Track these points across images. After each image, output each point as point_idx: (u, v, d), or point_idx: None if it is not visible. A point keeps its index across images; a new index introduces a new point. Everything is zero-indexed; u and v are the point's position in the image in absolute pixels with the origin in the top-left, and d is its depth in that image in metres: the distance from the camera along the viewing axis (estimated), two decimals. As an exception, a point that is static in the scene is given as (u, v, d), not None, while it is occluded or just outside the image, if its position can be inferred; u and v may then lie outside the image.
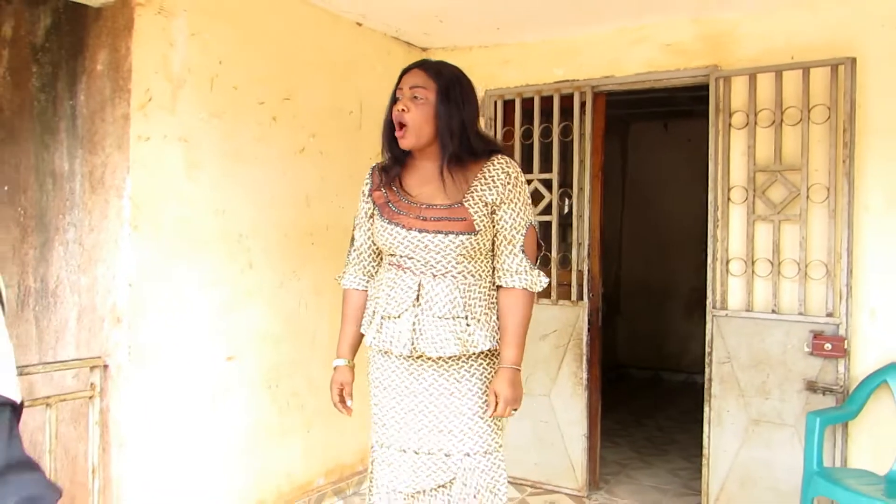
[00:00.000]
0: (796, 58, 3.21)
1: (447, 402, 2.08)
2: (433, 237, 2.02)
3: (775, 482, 3.23)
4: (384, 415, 2.15)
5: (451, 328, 2.01)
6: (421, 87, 2.04)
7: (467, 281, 2.05)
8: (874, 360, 3.07)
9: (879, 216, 3.09)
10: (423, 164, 2.11)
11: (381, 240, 2.09)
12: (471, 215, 2.03)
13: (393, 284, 2.07)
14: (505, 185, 2.05)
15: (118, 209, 2.66)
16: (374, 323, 2.11)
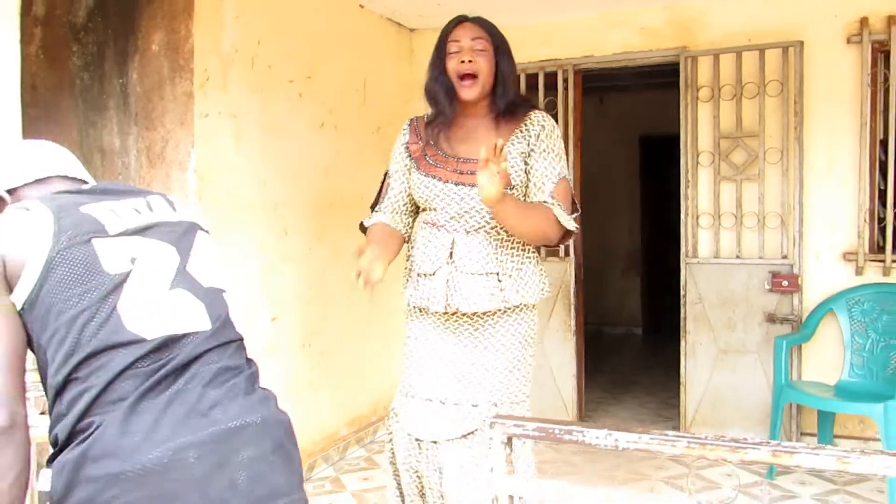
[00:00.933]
0: (753, 41, 3.75)
1: (480, 356, 2.12)
2: (469, 190, 2.05)
3: (740, 401, 3.82)
4: (414, 364, 2.19)
5: (484, 284, 2.05)
6: (481, 38, 2.08)
7: (500, 236, 2.09)
8: (820, 293, 3.69)
9: (822, 175, 3.70)
10: (467, 120, 2.15)
11: (418, 192, 2.13)
12: (506, 169, 1.96)
13: (427, 242, 2.12)
14: (538, 135, 2.11)
15: (182, 182, 2.86)
16: (411, 280, 2.18)
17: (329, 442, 3.71)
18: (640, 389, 5.15)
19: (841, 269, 3.68)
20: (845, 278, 3.66)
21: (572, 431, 1.37)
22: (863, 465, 1.15)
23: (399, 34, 4.33)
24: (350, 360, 3.86)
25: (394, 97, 4.29)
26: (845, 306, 3.57)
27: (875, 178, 3.63)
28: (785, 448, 1.22)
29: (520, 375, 2.16)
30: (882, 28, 3.54)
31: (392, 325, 4.27)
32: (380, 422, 4.13)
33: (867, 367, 3.47)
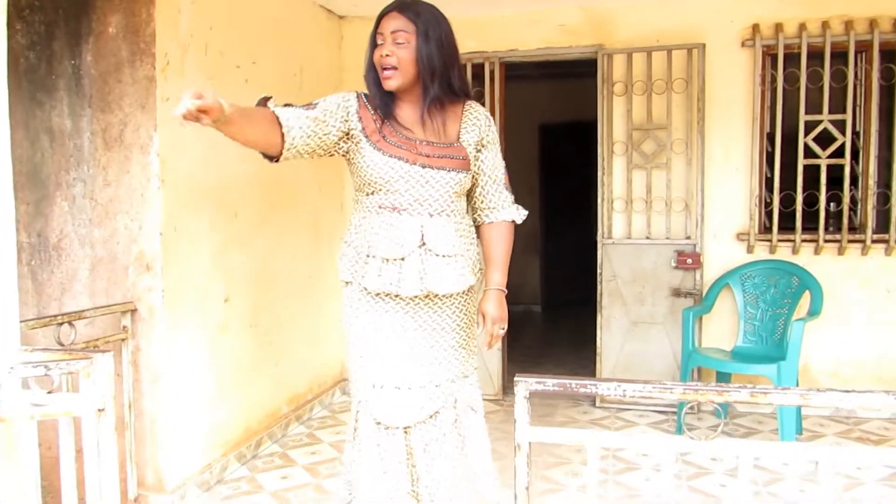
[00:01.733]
0: (662, 41, 4.15)
1: (438, 337, 2.19)
2: (436, 173, 2.09)
3: (650, 366, 4.26)
4: (378, 355, 2.17)
5: (454, 266, 2.12)
6: (402, 30, 2.06)
7: (456, 219, 2.16)
8: (718, 269, 4.18)
9: (720, 165, 4.17)
10: (406, 106, 2.16)
11: (378, 173, 2.08)
12: (467, 154, 2.15)
13: (389, 227, 2.09)
14: (488, 127, 2.22)
15: (143, 164, 2.88)
16: (370, 266, 2.11)
17: (272, 420, 3.81)
18: (550, 362, 5.54)
19: (735, 248, 4.18)
20: (739, 256, 4.16)
21: (587, 385, 1.62)
22: (823, 399, 1.47)
23: (329, 21, 4.43)
24: (288, 339, 3.97)
25: (326, 83, 4.39)
26: (739, 281, 4.06)
27: (763, 167, 4.14)
28: (759, 390, 1.53)
29: (470, 350, 2.27)
30: (771, 34, 4.03)
31: (325, 306, 4.40)
32: (315, 399, 4.27)
33: (758, 333, 3.99)
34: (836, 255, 4.06)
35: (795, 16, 4.03)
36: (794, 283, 3.93)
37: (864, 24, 3.94)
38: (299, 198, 4.06)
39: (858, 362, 4.09)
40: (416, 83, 2.11)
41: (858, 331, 4.08)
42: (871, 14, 3.93)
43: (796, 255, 4.09)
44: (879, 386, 4.07)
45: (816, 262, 4.07)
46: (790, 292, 3.94)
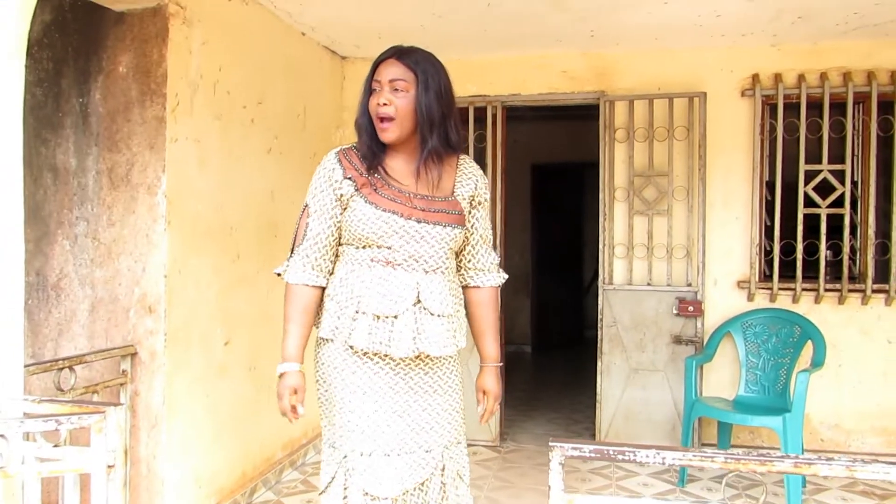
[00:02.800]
0: (663, 89, 4.20)
1: (431, 400, 2.06)
2: (431, 228, 1.98)
3: (650, 415, 4.22)
4: (364, 421, 2.01)
5: (447, 326, 2.01)
6: (401, 79, 1.96)
7: (449, 277, 2.06)
8: (719, 317, 4.17)
9: (721, 212, 4.20)
10: (400, 156, 2.05)
11: (371, 228, 1.96)
12: (462, 209, 2.05)
13: (382, 282, 1.97)
14: (482, 184, 2.14)
15: (150, 205, 2.83)
16: (359, 323, 1.98)
17: (267, 465, 3.71)
18: (545, 406, 5.48)
19: (736, 296, 4.18)
20: (739, 304, 4.16)
21: (625, 452, 1.58)
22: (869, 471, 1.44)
23: (332, 61, 4.43)
24: (289, 382, 3.88)
25: (327, 123, 4.38)
26: (740, 329, 4.06)
27: (763, 215, 4.16)
28: (803, 460, 1.50)
29: (461, 415, 2.15)
30: (770, 84, 4.09)
31: (324, 348, 4.32)
32: (310, 444, 4.17)
33: (760, 383, 3.97)
34: (837, 304, 4.08)
35: (794, 67, 4.10)
36: (795, 333, 3.93)
37: (861, 76, 4.01)
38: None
39: (860, 413, 4.08)
40: (412, 134, 2.01)
41: (859, 381, 4.08)
42: (869, 66, 4.00)
43: (797, 303, 4.10)
44: (882, 438, 4.05)
45: (817, 311, 4.08)
46: (792, 342, 3.93)
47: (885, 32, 3.81)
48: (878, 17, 3.56)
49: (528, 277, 7.80)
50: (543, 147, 7.44)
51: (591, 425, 4.53)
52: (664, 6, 3.41)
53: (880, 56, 3.99)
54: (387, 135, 1.98)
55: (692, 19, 3.63)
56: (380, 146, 2.03)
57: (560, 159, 7.50)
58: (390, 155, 2.04)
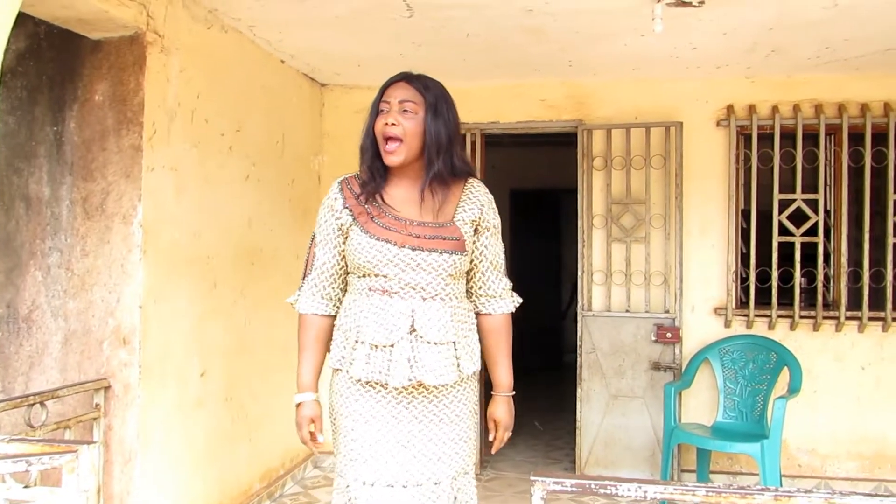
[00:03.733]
0: (640, 118, 4.25)
1: (437, 430, 2.01)
2: (427, 255, 1.96)
3: (629, 441, 4.22)
4: (366, 450, 2.00)
5: (446, 354, 1.97)
6: (410, 100, 1.98)
7: (452, 304, 2.01)
8: (697, 343, 4.20)
9: (696, 239, 4.24)
10: (403, 182, 2.05)
11: (366, 257, 1.97)
12: (462, 235, 2.01)
13: (379, 311, 1.96)
14: (490, 209, 2.09)
15: (125, 235, 2.79)
16: (358, 352, 1.98)
17: (244, 498, 3.64)
18: (524, 433, 5.45)
19: (713, 322, 4.21)
20: (716, 330, 4.19)
21: (606, 486, 1.57)
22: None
23: (312, 88, 4.43)
24: (264, 412, 3.83)
25: (305, 150, 4.37)
26: (718, 355, 4.08)
27: (738, 243, 4.21)
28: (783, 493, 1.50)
29: (471, 444, 2.09)
30: (745, 115, 4.16)
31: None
32: (288, 474, 4.11)
33: (738, 409, 3.99)
34: (812, 330, 4.12)
35: (768, 98, 4.17)
36: (772, 359, 3.96)
37: (833, 109, 4.09)
38: (277, 265, 3.98)
39: (835, 439, 4.11)
40: (417, 158, 2.01)
41: (834, 407, 4.12)
42: (840, 99, 4.09)
43: (772, 330, 4.13)
44: (857, 462, 4.09)
45: (792, 338, 4.12)
46: (769, 368, 3.96)
47: (854, 67, 3.89)
48: (848, 53, 3.64)
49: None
50: (522, 173, 7.47)
51: (572, 452, 4.52)
52: (641, 38, 3.45)
53: (850, 89, 4.08)
54: (393, 157, 1.98)
55: (668, 51, 3.69)
56: (382, 170, 2.03)
57: (538, 185, 7.54)
58: (392, 182, 2.05)
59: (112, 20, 2.66)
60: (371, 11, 3.18)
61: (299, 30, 3.46)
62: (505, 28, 3.37)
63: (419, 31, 3.42)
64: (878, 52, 3.63)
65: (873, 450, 4.09)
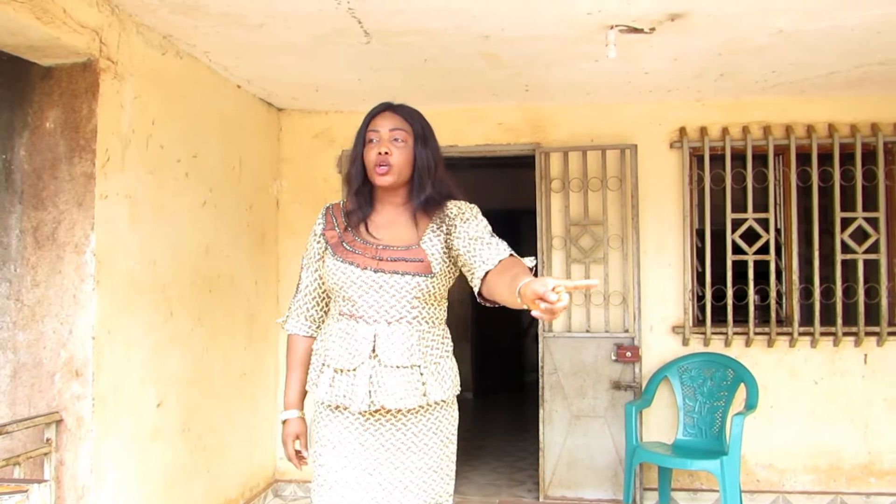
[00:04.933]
0: (595, 141, 4.32)
1: (405, 458, 2.00)
2: (389, 277, 1.97)
3: (592, 461, 4.24)
4: (332, 476, 2.01)
5: (408, 378, 1.95)
6: (400, 129, 2.03)
7: (421, 328, 2.00)
8: (656, 361, 4.25)
9: (653, 259, 4.31)
10: (386, 207, 2.08)
11: (333, 279, 2.02)
12: (427, 257, 1.99)
13: (344, 335, 1.99)
14: (457, 216, 2.01)
15: (77, 265, 2.72)
16: (324, 376, 2.02)
17: (203, 531, 3.56)
18: (487, 454, 5.44)
19: (671, 340, 4.27)
20: (675, 348, 4.26)
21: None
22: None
23: (269, 113, 4.41)
24: (222, 441, 3.75)
25: (264, 174, 4.33)
26: (677, 373, 4.14)
27: (694, 262, 4.29)
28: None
29: (443, 475, 2.06)
30: (696, 137, 4.27)
31: (260, 404, 4.22)
32: (249, 505, 4.03)
33: (697, 426, 4.04)
34: (767, 347, 4.21)
35: (718, 121, 4.28)
36: (729, 376, 4.03)
37: (780, 130, 4.22)
38: (236, 292, 3.92)
39: (792, 453, 4.19)
40: (404, 185, 2.06)
41: (790, 422, 4.20)
42: (787, 121, 4.22)
43: (729, 347, 4.21)
44: (814, 475, 4.17)
45: (748, 355, 4.20)
46: (726, 385, 4.03)
47: (800, 90, 4.03)
48: (793, 76, 3.76)
49: (468, 324, 7.81)
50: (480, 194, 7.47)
51: (535, 473, 4.52)
52: (595, 63, 3.52)
53: (797, 111, 4.21)
54: (383, 179, 2.01)
55: (622, 76, 3.77)
56: (369, 197, 2.07)
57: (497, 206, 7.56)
58: (375, 208, 2.09)
59: (64, 47, 2.62)
60: (328, 38, 3.18)
61: (255, 56, 3.45)
62: (462, 54, 3.41)
63: (377, 56, 3.44)
64: (822, 76, 3.77)
65: (828, 463, 4.17)
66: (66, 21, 2.55)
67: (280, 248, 4.53)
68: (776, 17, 2.94)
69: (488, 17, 2.95)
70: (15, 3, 2.32)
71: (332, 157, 4.52)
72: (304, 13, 2.90)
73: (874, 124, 4.15)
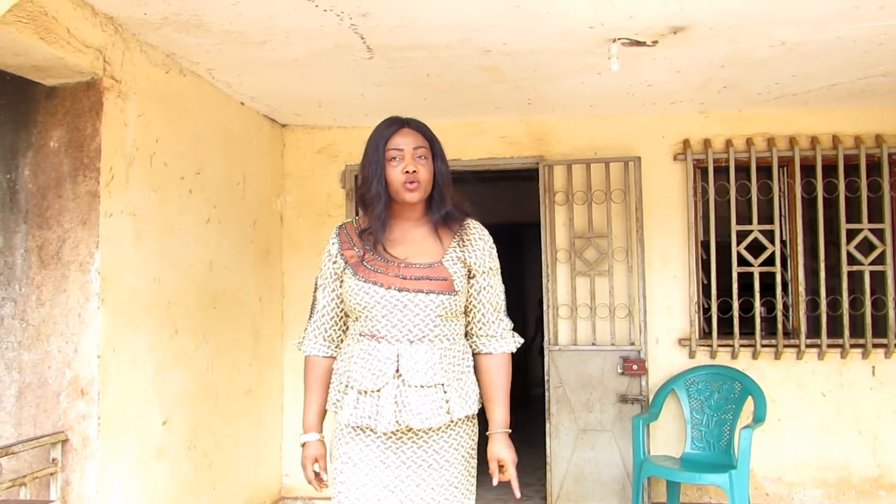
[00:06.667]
0: (599, 154, 4.32)
1: (426, 475, 2.01)
2: (413, 296, 1.97)
3: (600, 475, 4.21)
4: (353, 494, 2.01)
5: (433, 397, 1.96)
6: (423, 146, 2.04)
7: (443, 345, 2.00)
8: (663, 374, 4.23)
9: (658, 271, 4.29)
10: (400, 223, 2.08)
11: (355, 299, 2.01)
12: (451, 275, 2.01)
13: (367, 356, 1.99)
14: (486, 251, 2.09)
15: (82, 283, 2.72)
16: (348, 397, 2.01)
17: (209, 549, 3.53)
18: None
19: (677, 353, 4.25)
20: (681, 361, 4.23)
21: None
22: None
23: (273, 129, 4.42)
24: (227, 459, 3.74)
25: (267, 190, 4.34)
26: (684, 386, 4.11)
27: (699, 274, 4.27)
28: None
29: (464, 490, 2.07)
30: (700, 149, 4.26)
31: (266, 421, 4.21)
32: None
33: (705, 439, 4.01)
34: (773, 359, 4.18)
35: (722, 133, 4.28)
36: (736, 389, 4.01)
37: (784, 142, 4.21)
38: (240, 309, 3.92)
39: (801, 466, 4.16)
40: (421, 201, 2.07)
41: (798, 434, 4.17)
42: (791, 132, 4.22)
43: (735, 359, 4.19)
44: (822, 489, 4.13)
45: (755, 367, 4.17)
46: (733, 397, 4.00)
47: (803, 101, 4.02)
48: (796, 88, 3.76)
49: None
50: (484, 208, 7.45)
51: (542, 488, 4.49)
52: (597, 76, 3.53)
53: (800, 123, 4.21)
54: (414, 195, 2.01)
55: (624, 88, 3.77)
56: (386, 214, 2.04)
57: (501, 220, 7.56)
58: (389, 226, 2.07)
59: (67, 67, 2.63)
60: (331, 53, 3.19)
61: (258, 72, 3.46)
62: (464, 68, 3.41)
63: (379, 71, 3.45)
64: (825, 88, 3.76)
65: (837, 476, 4.14)
66: (70, 41, 2.56)
67: (284, 264, 4.52)
68: (778, 29, 2.95)
69: (490, 31, 2.96)
70: (19, 24, 2.33)
71: (336, 172, 4.52)
72: (307, 30, 2.92)
73: (878, 135, 4.14)
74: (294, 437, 4.43)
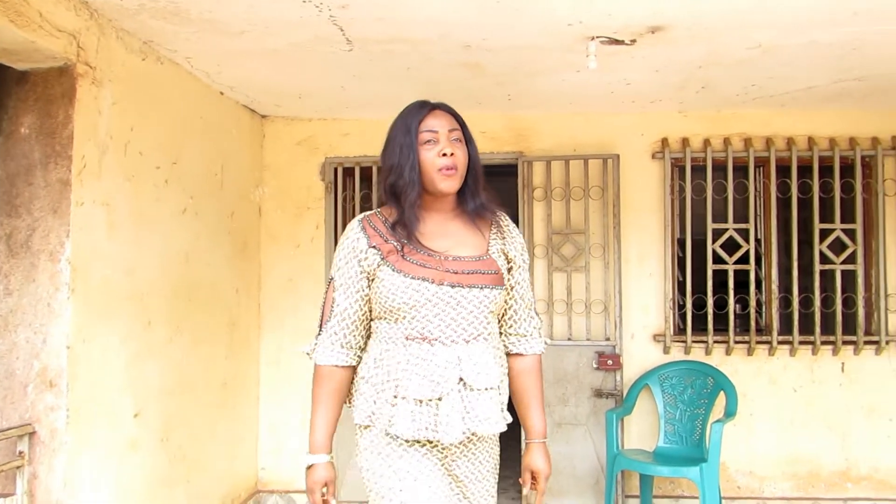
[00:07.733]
0: (578, 151, 4.33)
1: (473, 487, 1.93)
2: (468, 292, 1.83)
3: (574, 469, 4.24)
4: None
5: (494, 400, 1.85)
6: (457, 129, 1.93)
7: (493, 343, 1.90)
8: (637, 369, 4.26)
9: (635, 268, 4.32)
10: (432, 215, 1.92)
11: (401, 298, 1.82)
12: (499, 268, 1.91)
13: (420, 362, 1.81)
14: (521, 244, 2.01)
15: (52, 273, 2.68)
16: (400, 409, 1.81)
17: (181, 542, 3.51)
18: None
19: (652, 349, 4.29)
20: (656, 356, 4.27)
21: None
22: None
23: (252, 120, 4.38)
24: (203, 452, 3.71)
25: (247, 181, 4.30)
26: (658, 381, 4.15)
27: (675, 271, 4.31)
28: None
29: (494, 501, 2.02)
30: (678, 148, 4.29)
31: (242, 413, 4.18)
32: (230, 515, 3.99)
33: (678, 434, 4.05)
34: (746, 355, 4.24)
35: (700, 132, 4.31)
36: (709, 384, 4.05)
37: (761, 142, 4.26)
38: (216, 300, 3.89)
39: (772, 461, 4.22)
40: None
41: (769, 429, 4.23)
42: (767, 133, 4.26)
43: (709, 355, 4.23)
44: (793, 482, 4.19)
45: (728, 363, 4.22)
46: (706, 392, 4.05)
47: (780, 103, 4.06)
48: (773, 90, 3.79)
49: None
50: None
51: (518, 482, 4.51)
52: (577, 74, 3.53)
53: (777, 124, 4.26)
54: (451, 183, 1.86)
55: (604, 86, 3.78)
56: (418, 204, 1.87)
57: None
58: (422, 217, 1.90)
59: (39, 51, 2.58)
60: (310, 45, 3.17)
61: (238, 62, 3.42)
62: (444, 63, 3.40)
63: (359, 63, 3.42)
64: (801, 90, 3.80)
65: (807, 470, 4.20)
66: (42, 25, 2.51)
67: (262, 256, 4.50)
68: (755, 31, 2.97)
69: (469, 26, 2.95)
70: (-10, 8, 2.29)
71: (316, 164, 4.49)
72: (286, 20, 2.89)
73: (852, 138, 4.20)
74: (271, 429, 4.42)
